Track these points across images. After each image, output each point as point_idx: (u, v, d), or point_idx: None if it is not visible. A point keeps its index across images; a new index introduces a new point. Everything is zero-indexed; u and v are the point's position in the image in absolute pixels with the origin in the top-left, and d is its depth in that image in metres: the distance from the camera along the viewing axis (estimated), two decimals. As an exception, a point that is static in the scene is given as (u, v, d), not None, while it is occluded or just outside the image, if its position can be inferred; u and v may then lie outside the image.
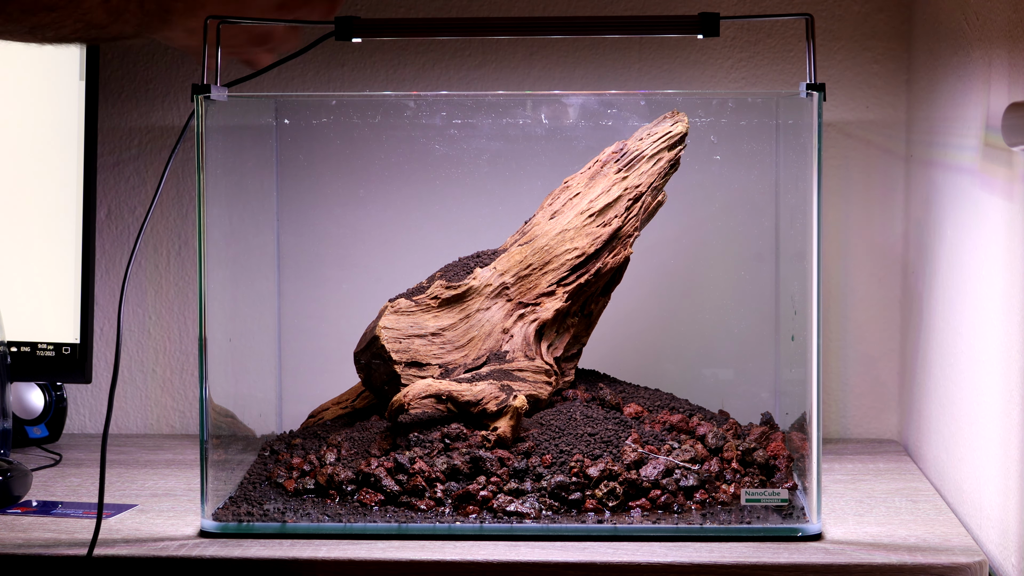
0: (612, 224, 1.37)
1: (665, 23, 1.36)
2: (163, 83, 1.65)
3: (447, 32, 1.37)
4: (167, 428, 1.69)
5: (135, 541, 1.23)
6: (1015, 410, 1.18)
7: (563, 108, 1.43)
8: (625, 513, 1.25)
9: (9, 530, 1.27)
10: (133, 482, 1.43)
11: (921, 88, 1.53)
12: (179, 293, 1.67)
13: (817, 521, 1.23)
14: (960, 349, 1.36)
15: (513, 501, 1.24)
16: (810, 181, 1.24)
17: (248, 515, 1.25)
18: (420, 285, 1.39)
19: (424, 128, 1.44)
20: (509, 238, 1.41)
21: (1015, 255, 1.18)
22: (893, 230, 1.60)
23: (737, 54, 1.61)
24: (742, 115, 1.39)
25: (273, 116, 1.45)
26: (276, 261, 1.53)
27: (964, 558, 1.17)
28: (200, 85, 1.24)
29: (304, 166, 1.50)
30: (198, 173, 1.26)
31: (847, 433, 1.63)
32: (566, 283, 1.38)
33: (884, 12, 1.59)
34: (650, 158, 1.38)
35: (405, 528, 1.23)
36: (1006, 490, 1.20)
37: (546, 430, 1.30)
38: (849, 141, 1.59)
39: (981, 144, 1.28)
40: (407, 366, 1.35)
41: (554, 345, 1.39)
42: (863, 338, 1.62)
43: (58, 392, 1.62)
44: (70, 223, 1.52)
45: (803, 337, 1.26)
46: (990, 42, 1.26)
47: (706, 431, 1.33)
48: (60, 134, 1.53)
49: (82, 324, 1.53)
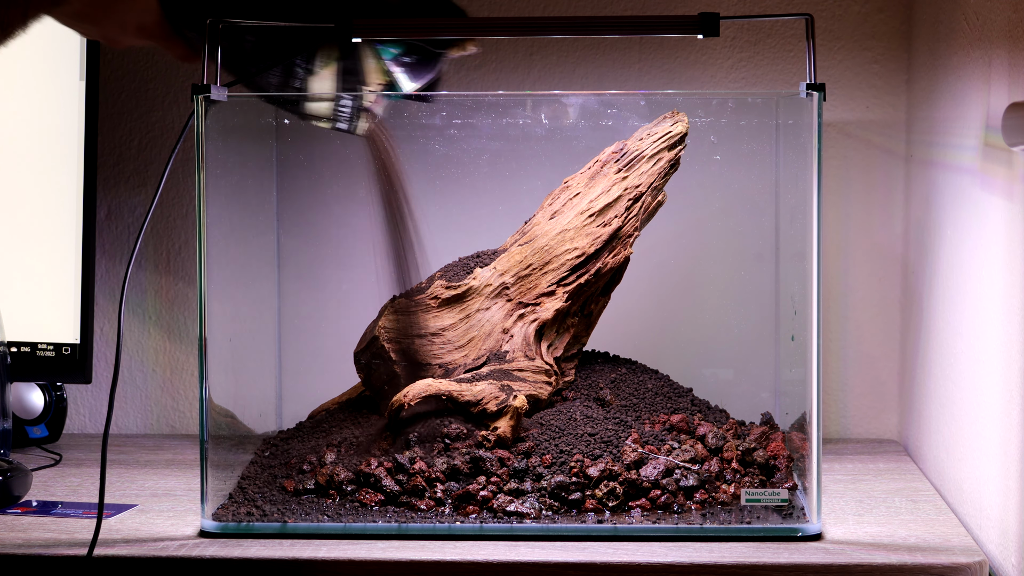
0: (612, 224, 1.37)
1: (665, 23, 1.36)
2: (163, 83, 1.65)
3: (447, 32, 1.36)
4: (167, 428, 1.69)
5: (135, 541, 1.23)
6: (1015, 410, 1.18)
7: (563, 108, 1.43)
8: (625, 513, 1.25)
9: (9, 530, 1.27)
10: (133, 482, 1.43)
11: (921, 88, 1.53)
12: (179, 293, 1.67)
13: (817, 521, 1.23)
14: (960, 349, 1.36)
15: (513, 501, 1.24)
16: (810, 181, 1.24)
17: (248, 515, 1.25)
18: (420, 285, 1.39)
19: (424, 128, 1.44)
20: (509, 238, 1.41)
21: (1015, 255, 1.18)
22: (893, 230, 1.60)
23: (737, 54, 1.61)
24: (742, 115, 1.39)
25: (273, 116, 1.45)
26: (276, 261, 1.53)
27: (964, 558, 1.17)
28: (200, 85, 1.24)
29: (304, 166, 1.50)
30: (198, 173, 1.26)
31: (847, 433, 1.63)
32: (566, 283, 1.38)
33: (884, 12, 1.59)
34: (650, 158, 1.38)
35: (405, 528, 1.23)
36: (1006, 490, 1.20)
37: (546, 430, 1.30)
38: (849, 141, 1.59)
39: (981, 144, 1.28)
40: (407, 366, 1.35)
41: (554, 345, 1.39)
42: (863, 338, 1.62)
43: (58, 392, 1.62)
44: (70, 223, 1.52)
45: (803, 337, 1.26)
46: (990, 42, 1.26)
47: (706, 431, 1.33)
48: (60, 134, 1.52)
49: (82, 324, 1.53)
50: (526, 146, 1.45)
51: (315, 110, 1.36)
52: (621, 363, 1.45)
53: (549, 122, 1.42)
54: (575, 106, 1.44)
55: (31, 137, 1.54)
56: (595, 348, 1.48)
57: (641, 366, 1.46)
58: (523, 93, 1.46)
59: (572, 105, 1.44)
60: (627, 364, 1.45)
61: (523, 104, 1.44)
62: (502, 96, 1.41)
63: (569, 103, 1.44)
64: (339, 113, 1.35)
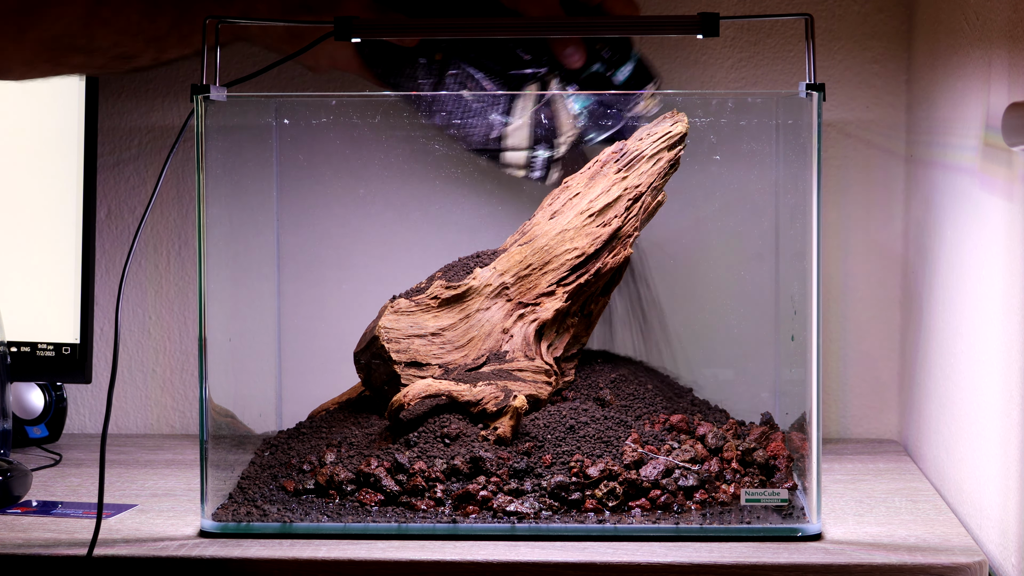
0: (612, 224, 1.37)
1: (665, 23, 1.36)
2: (163, 83, 1.65)
3: (447, 32, 1.37)
4: (167, 428, 1.69)
5: (135, 541, 1.23)
6: (1015, 410, 1.18)
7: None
8: (625, 513, 1.25)
9: (9, 530, 1.27)
10: (133, 482, 1.43)
11: (921, 88, 1.53)
12: (179, 293, 1.67)
13: (817, 521, 1.23)
14: (960, 349, 1.36)
15: (513, 501, 1.24)
16: (810, 181, 1.24)
17: (248, 515, 1.25)
18: (420, 285, 1.39)
19: (424, 128, 1.44)
20: (509, 238, 1.41)
21: (1015, 255, 1.18)
22: (893, 230, 1.60)
23: (737, 54, 1.61)
24: (742, 115, 1.39)
25: (273, 116, 1.45)
26: (276, 261, 1.53)
27: (964, 558, 1.17)
28: (199, 85, 1.24)
29: (304, 166, 1.50)
30: (198, 173, 1.26)
31: (847, 433, 1.63)
32: (566, 283, 1.38)
33: (884, 12, 1.59)
34: (650, 158, 1.38)
35: (405, 528, 1.23)
36: (1006, 490, 1.20)
37: (546, 430, 1.30)
38: (849, 141, 1.59)
39: (981, 144, 1.28)
40: (407, 366, 1.35)
41: (554, 345, 1.39)
42: (863, 338, 1.62)
43: (58, 392, 1.62)
44: (70, 223, 1.52)
45: (803, 337, 1.26)
46: (990, 42, 1.26)
47: (706, 431, 1.33)
48: (60, 134, 1.52)
49: (82, 324, 1.53)
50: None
51: (510, 160, 1.43)
52: (621, 363, 1.45)
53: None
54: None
55: (31, 137, 1.54)
56: (593, 347, 1.48)
57: (642, 365, 1.46)
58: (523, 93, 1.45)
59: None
60: (627, 364, 1.45)
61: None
62: (502, 96, 1.41)
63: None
64: (532, 162, 1.40)
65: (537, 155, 1.40)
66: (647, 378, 1.42)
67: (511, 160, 1.42)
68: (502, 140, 1.41)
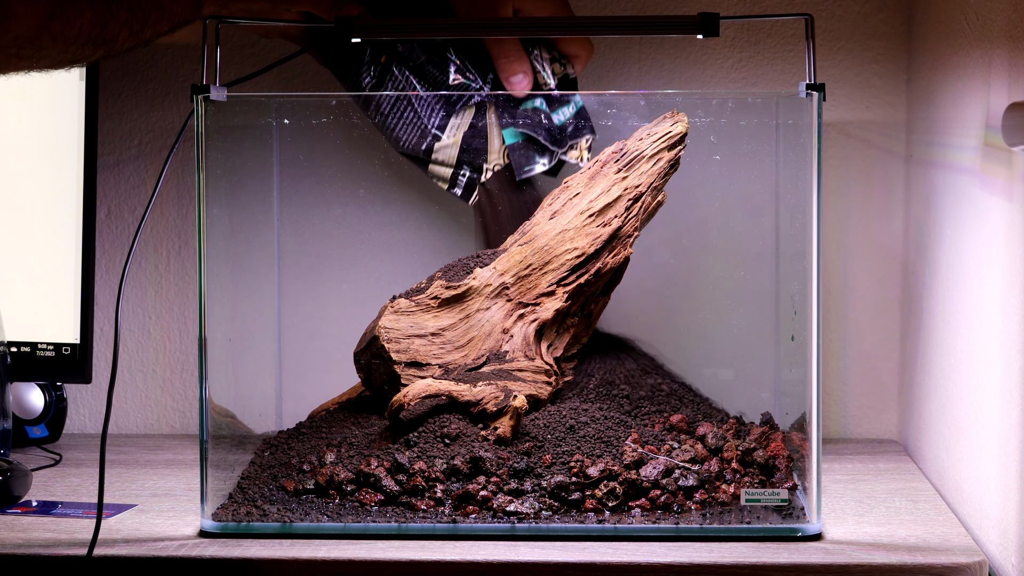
0: (612, 224, 1.37)
1: (665, 23, 1.36)
2: (163, 83, 1.65)
3: (447, 32, 1.37)
4: (167, 428, 1.69)
5: (135, 541, 1.23)
6: (1015, 410, 1.18)
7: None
8: (625, 513, 1.25)
9: (9, 530, 1.27)
10: (133, 482, 1.43)
11: (921, 88, 1.53)
12: (179, 293, 1.67)
13: (817, 521, 1.23)
14: (960, 349, 1.36)
15: (513, 501, 1.24)
16: (810, 181, 1.24)
17: (248, 515, 1.25)
18: (420, 285, 1.39)
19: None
20: (509, 238, 1.41)
21: (1015, 255, 1.18)
22: (893, 230, 1.60)
23: (737, 54, 1.61)
24: (742, 115, 1.39)
25: (273, 116, 1.45)
26: (276, 261, 1.53)
27: (964, 558, 1.17)
28: (200, 85, 1.24)
29: (304, 166, 1.50)
30: (198, 173, 1.26)
31: (847, 433, 1.63)
32: (566, 283, 1.38)
33: (884, 12, 1.59)
34: (650, 158, 1.38)
35: (405, 528, 1.23)
36: (1006, 490, 1.20)
37: (546, 430, 1.30)
38: (849, 141, 1.59)
39: (981, 144, 1.28)
40: (407, 366, 1.35)
41: (554, 345, 1.39)
42: (863, 338, 1.62)
43: (58, 392, 1.62)
44: (70, 223, 1.52)
45: (803, 337, 1.26)
46: (990, 42, 1.26)
47: (706, 431, 1.33)
48: (60, 134, 1.52)
49: (82, 324, 1.53)
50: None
51: (436, 172, 1.42)
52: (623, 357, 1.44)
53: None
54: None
55: (31, 137, 1.54)
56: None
57: (642, 365, 1.45)
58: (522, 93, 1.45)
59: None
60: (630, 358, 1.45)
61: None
62: (501, 96, 1.41)
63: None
64: (458, 179, 1.40)
65: (463, 175, 1.40)
66: (647, 378, 1.42)
67: (436, 173, 1.42)
68: (431, 153, 1.41)
